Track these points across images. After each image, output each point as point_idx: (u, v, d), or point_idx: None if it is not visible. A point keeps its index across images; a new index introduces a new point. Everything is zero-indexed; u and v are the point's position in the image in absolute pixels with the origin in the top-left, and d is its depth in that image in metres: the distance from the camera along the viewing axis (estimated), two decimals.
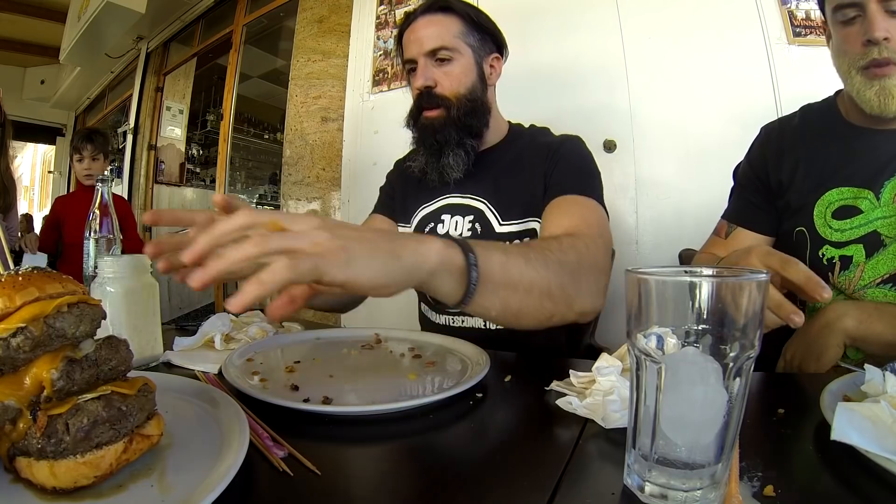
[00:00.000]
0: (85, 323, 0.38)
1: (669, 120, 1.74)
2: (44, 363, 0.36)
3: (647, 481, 0.35)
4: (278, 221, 0.41)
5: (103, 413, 0.36)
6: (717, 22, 1.70)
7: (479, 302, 0.54)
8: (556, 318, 0.62)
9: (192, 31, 4.00)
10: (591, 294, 0.66)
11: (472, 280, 0.52)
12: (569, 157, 0.94)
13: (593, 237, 0.73)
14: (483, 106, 1.00)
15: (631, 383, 0.37)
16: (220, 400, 0.49)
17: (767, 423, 0.49)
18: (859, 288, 0.78)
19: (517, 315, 0.59)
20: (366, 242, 0.44)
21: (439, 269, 0.50)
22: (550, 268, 0.61)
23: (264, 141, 4.68)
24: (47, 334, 0.36)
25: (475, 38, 0.99)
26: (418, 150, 1.02)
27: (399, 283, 0.46)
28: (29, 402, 0.36)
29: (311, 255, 0.39)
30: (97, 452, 0.36)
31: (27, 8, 4.56)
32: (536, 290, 0.59)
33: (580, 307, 0.65)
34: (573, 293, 0.63)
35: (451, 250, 0.51)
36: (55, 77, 5.28)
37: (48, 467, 0.34)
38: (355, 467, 0.44)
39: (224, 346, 0.77)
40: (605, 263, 0.71)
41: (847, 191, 0.80)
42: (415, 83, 0.99)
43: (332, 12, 2.63)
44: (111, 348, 0.40)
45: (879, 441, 0.39)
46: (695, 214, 1.67)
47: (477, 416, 0.53)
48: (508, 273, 0.56)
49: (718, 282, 0.32)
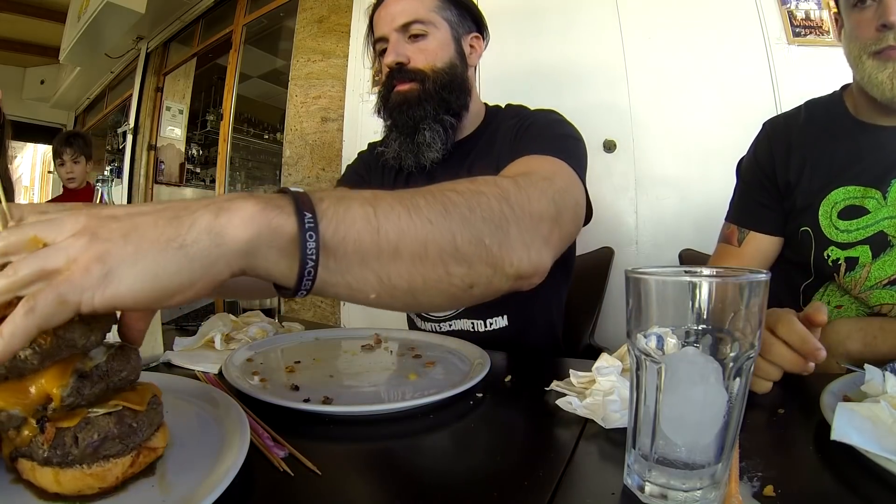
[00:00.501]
0: (95, 332, 0.36)
1: (669, 120, 1.74)
2: (52, 377, 0.35)
3: (647, 481, 0.35)
4: (37, 237, 0.32)
5: (114, 430, 0.36)
6: (717, 22, 1.70)
7: (337, 282, 0.37)
8: (480, 288, 0.44)
9: (192, 31, 4.00)
10: (528, 246, 0.47)
11: (309, 252, 0.35)
12: (535, 124, 0.83)
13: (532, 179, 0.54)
14: (462, 84, 0.91)
15: (631, 383, 0.37)
16: (220, 400, 0.49)
17: (767, 423, 0.49)
18: (865, 289, 0.77)
19: (411, 292, 0.41)
20: (131, 236, 0.31)
21: (257, 247, 0.34)
22: (453, 214, 0.42)
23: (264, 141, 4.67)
24: (56, 345, 0.34)
25: (453, 12, 0.91)
26: (390, 133, 0.92)
27: (191, 285, 0.32)
28: (34, 410, 0.35)
29: (58, 281, 0.30)
30: (104, 465, 0.35)
31: (27, 8, 4.55)
32: (434, 251, 0.40)
33: (514, 266, 0.46)
34: (497, 247, 0.44)
35: (272, 213, 0.34)
36: (55, 77, 5.27)
37: (53, 474, 0.34)
38: (355, 467, 0.44)
39: (224, 346, 0.77)
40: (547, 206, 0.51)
41: (854, 190, 0.78)
42: (385, 59, 0.89)
43: (332, 12, 2.63)
44: (123, 359, 0.39)
45: (879, 441, 0.39)
46: (695, 214, 1.67)
47: (477, 416, 0.53)
48: (379, 232, 0.38)
49: (718, 282, 0.32)
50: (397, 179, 0.97)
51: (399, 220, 0.39)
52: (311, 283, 0.36)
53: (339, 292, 0.39)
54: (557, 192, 0.55)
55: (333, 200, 0.37)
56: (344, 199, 0.38)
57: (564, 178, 0.64)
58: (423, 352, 0.75)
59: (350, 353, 0.76)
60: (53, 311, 0.30)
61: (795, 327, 0.51)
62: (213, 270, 0.33)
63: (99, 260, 0.30)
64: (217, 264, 0.33)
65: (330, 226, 0.36)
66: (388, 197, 0.41)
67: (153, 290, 0.31)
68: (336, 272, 0.37)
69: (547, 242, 0.50)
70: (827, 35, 1.63)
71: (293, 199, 0.36)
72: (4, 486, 0.35)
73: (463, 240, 0.42)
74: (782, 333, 0.51)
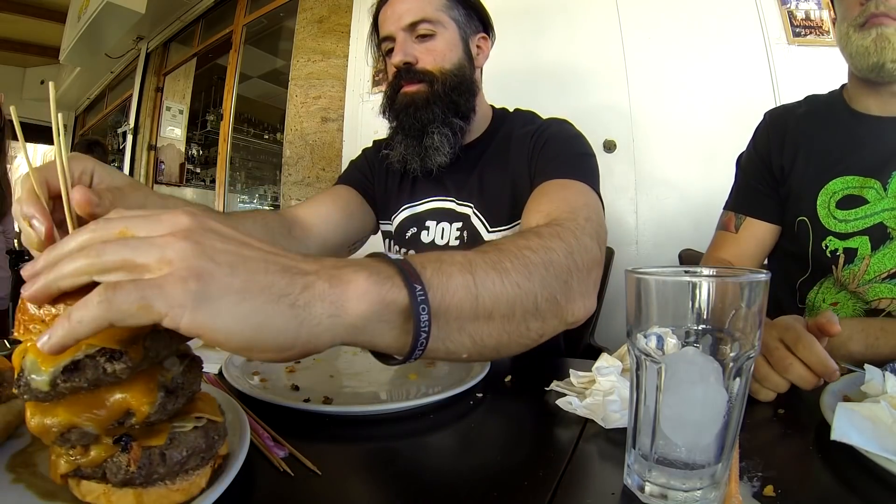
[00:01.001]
0: (176, 341, 0.33)
1: (669, 120, 1.74)
2: (138, 392, 0.31)
3: (647, 481, 0.35)
4: (127, 230, 0.29)
5: (201, 444, 0.34)
6: (717, 22, 1.70)
7: (438, 347, 0.38)
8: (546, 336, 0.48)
9: (192, 32, 4.00)
10: (584, 296, 0.51)
11: (423, 325, 0.35)
12: (553, 140, 0.83)
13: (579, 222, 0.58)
14: (471, 85, 0.89)
15: (631, 383, 0.37)
16: (220, 400, 0.49)
17: (767, 423, 0.49)
18: (863, 283, 0.77)
19: (497, 349, 0.43)
20: (239, 270, 0.29)
21: (369, 322, 0.33)
22: (535, 276, 0.45)
23: (264, 141, 4.67)
24: (143, 357, 0.30)
25: (460, 12, 0.89)
26: (396, 135, 0.89)
27: (290, 348, 0.31)
28: (108, 427, 0.31)
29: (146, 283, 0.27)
30: (188, 478, 0.33)
31: (27, 8, 4.55)
32: (519, 312, 0.43)
33: (572, 316, 0.50)
34: (564, 302, 0.48)
35: (384, 287, 0.34)
36: (55, 77, 5.27)
37: (134, 496, 0.31)
38: (355, 467, 0.44)
39: None
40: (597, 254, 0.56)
41: (852, 179, 0.78)
42: (392, 59, 0.87)
43: (332, 12, 2.63)
44: (196, 371, 0.36)
45: (879, 441, 0.39)
46: (695, 214, 1.67)
47: (477, 416, 0.53)
48: (478, 299, 0.39)
49: (718, 282, 0.32)
50: (403, 181, 0.96)
51: (493, 287, 0.41)
52: (421, 352, 0.36)
53: (437, 356, 0.40)
54: (598, 232, 0.59)
55: (434, 268, 0.38)
56: (443, 265, 0.39)
57: (596, 209, 0.68)
58: None
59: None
60: (132, 312, 0.26)
61: (816, 349, 0.51)
62: (317, 340, 0.31)
63: (199, 277, 0.27)
64: (325, 335, 0.32)
65: (437, 296, 0.37)
66: (482, 262, 0.42)
67: (250, 339, 0.29)
68: (438, 339, 0.38)
69: (596, 286, 0.55)
70: (827, 35, 1.63)
71: (399, 271, 0.36)
72: (4, 486, 0.35)
73: (542, 299, 0.45)
74: (802, 355, 0.51)
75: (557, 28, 1.93)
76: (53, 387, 0.28)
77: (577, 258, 0.51)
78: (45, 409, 0.30)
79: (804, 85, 1.37)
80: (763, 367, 0.53)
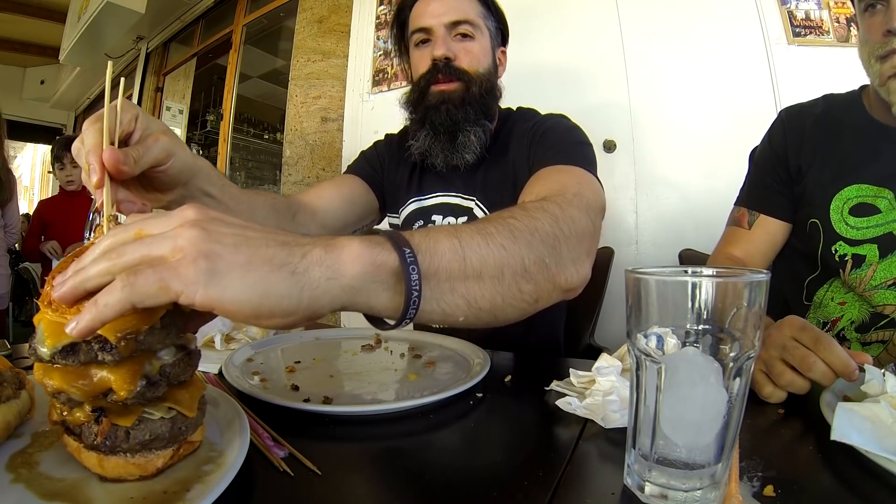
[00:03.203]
0: (171, 337, 0.36)
1: (669, 120, 1.74)
2: (121, 378, 0.34)
3: (647, 481, 0.35)
4: (143, 230, 0.33)
5: (166, 433, 0.37)
6: (717, 22, 1.70)
7: (433, 309, 0.41)
8: (542, 301, 0.50)
9: (192, 32, 4.00)
10: (575, 263, 0.52)
11: (413, 283, 0.38)
12: (550, 131, 0.85)
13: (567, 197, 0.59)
14: (496, 93, 0.94)
15: (631, 383, 0.37)
16: (220, 400, 0.49)
17: (767, 423, 0.49)
18: (870, 288, 0.78)
19: (492, 311, 0.45)
20: (243, 248, 0.32)
21: (364, 282, 0.36)
22: (520, 240, 0.47)
23: (264, 141, 4.67)
24: (132, 349, 0.34)
25: (492, 23, 0.94)
26: (421, 129, 0.91)
27: (294, 312, 0.34)
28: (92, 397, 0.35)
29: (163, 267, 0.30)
30: (148, 456, 0.36)
31: (27, 8, 4.55)
32: (508, 273, 0.45)
33: (566, 281, 0.51)
34: (554, 266, 0.50)
35: (375, 250, 0.37)
36: (55, 77, 5.27)
37: (97, 459, 0.36)
38: (355, 467, 0.44)
39: (224, 346, 0.77)
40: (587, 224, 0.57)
41: (867, 188, 0.79)
42: (434, 51, 0.88)
43: (332, 12, 2.63)
44: (187, 364, 0.39)
45: (879, 441, 0.39)
46: (695, 214, 1.67)
47: (477, 416, 0.53)
48: (465, 259, 0.42)
49: (718, 282, 0.32)
50: (412, 176, 0.99)
51: (479, 249, 0.44)
52: (415, 311, 0.39)
53: (433, 318, 0.42)
54: (589, 205, 0.61)
55: (422, 235, 0.41)
56: (430, 233, 0.42)
57: (590, 187, 0.69)
58: (423, 352, 0.75)
59: (350, 353, 0.76)
60: (152, 293, 0.30)
61: (836, 349, 0.51)
62: (318, 303, 0.34)
63: (207, 257, 0.31)
64: (324, 297, 0.35)
65: (426, 257, 0.39)
66: (467, 228, 0.45)
67: (258, 306, 0.32)
68: (432, 300, 0.40)
69: (589, 255, 0.56)
70: (827, 35, 1.63)
71: (389, 238, 0.39)
72: (4, 486, 0.35)
73: (530, 261, 0.47)
74: (824, 355, 0.51)
75: (557, 28, 1.93)
76: (52, 360, 0.33)
77: (563, 226, 0.52)
78: (45, 370, 0.35)
79: (804, 85, 1.37)
80: (777, 364, 0.53)
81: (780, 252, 0.92)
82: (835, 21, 1.63)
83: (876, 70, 0.75)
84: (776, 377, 0.53)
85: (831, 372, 0.50)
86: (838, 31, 1.62)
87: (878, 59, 0.74)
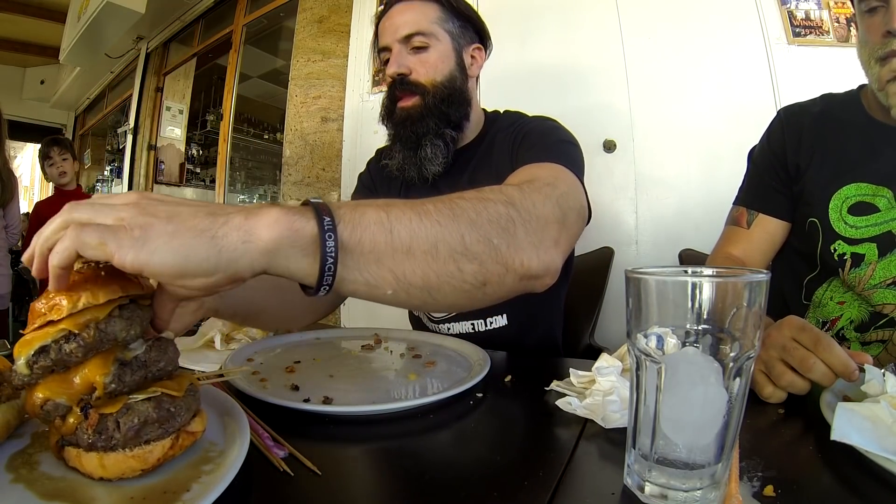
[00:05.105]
0: (134, 327, 0.39)
1: (669, 120, 1.74)
2: (95, 366, 0.37)
3: (647, 481, 0.35)
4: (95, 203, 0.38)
5: (153, 414, 0.38)
6: (717, 22, 1.70)
7: (355, 279, 0.42)
8: (492, 286, 0.48)
9: (191, 32, 4.00)
10: (536, 247, 0.50)
11: (329, 250, 0.39)
12: (532, 132, 0.86)
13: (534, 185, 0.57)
14: (462, 96, 0.93)
15: (631, 383, 0.37)
16: (220, 400, 0.49)
17: (767, 423, 0.49)
18: (869, 287, 0.78)
19: (426, 288, 0.44)
20: (174, 219, 0.36)
21: (280, 246, 0.38)
22: (460, 217, 0.46)
23: (264, 141, 4.67)
24: (98, 339, 0.37)
25: (455, 24, 0.93)
26: (394, 145, 0.94)
27: (213, 272, 0.37)
28: (79, 399, 0.37)
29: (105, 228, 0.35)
30: (146, 448, 0.37)
31: (27, 8, 4.55)
32: (444, 250, 0.44)
33: (525, 265, 0.49)
34: (506, 248, 0.48)
35: (293, 217, 0.39)
36: (55, 77, 5.27)
37: (97, 458, 0.36)
38: (355, 467, 0.44)
39: (224, 346, 0.77)
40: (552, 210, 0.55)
41: (865, 187, 0.79)
42: (388, 70, 0.92)
43: (332, 12, 2.63)
44: (160, 350, 0.41)
45: (879, 441, 0.39)
46: (695, 214, 1.67)
47: (477, 416, 0.53)
48: (392, 232, 0.42)
49: (718, 282, 0.32)
50: (401, 188, 0.99)
51: (410, 223, 0.43)
52: (331, 278, 0.40)
53: (357, 289, 0.43)
54: (561, 196, 0.58)
55: (350, 207, 0.42)
56: (359, 205, 0.43)
57: (566, 181, 0.67)
58: (423, 352, 0.75)
59: (350, 353, 0.76)
60: (92, 245, 0.35)
61: (836, 350, 0.51)
62: (236, 265, 0.37)
63: (142, 227, 0.35)
64: (241, 259, 0.38)
65: (347, 228, 0.41)
66: (400, 203, 0.45)
67: (180, 267, 0.36)
68: (354, 269, 0.41)
69: (556, 244, 0.54)
70: (827, 35, 1.63)
71: (313, 207, 0.41)
72: (4, 486, 0.35)
73: (471, 239, 0.46)
74: (824, 356, 0.51)
75: (557, 28, 1.93)
76: (31, 368, 0.36)
77: (521, 209, 0.51)
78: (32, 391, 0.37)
79: (804, 85, 1.37)
80: (778, 365, 0.53)
81: (779, 251, 0.92)
82: (835, 21, 1.63)
83: (875, 73, 0.75)
84: (776, 378, 0.53)
85: (831, 373, 0.50)
86: (838, 31, 1.62)
87: (877, 61, 0.74)
